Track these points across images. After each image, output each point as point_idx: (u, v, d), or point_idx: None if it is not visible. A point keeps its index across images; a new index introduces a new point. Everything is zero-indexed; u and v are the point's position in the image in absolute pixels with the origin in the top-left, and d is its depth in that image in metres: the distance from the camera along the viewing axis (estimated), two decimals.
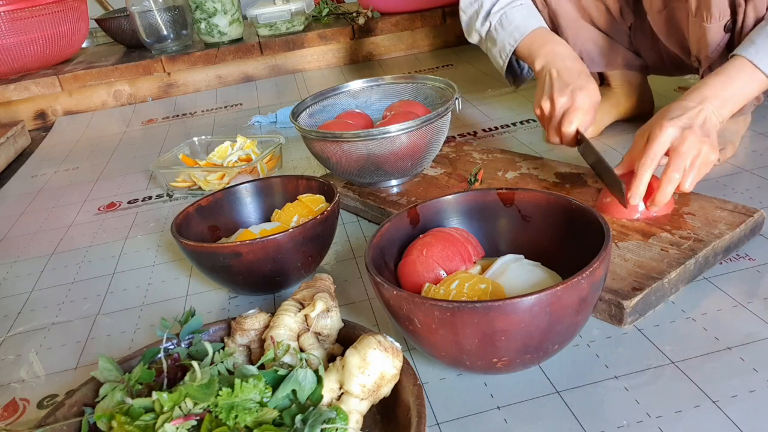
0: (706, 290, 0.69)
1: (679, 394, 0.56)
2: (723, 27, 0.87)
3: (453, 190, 0.94)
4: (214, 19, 1.89)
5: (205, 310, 0.80)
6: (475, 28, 1.07)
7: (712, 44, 0.89)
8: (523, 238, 0.70)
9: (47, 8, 1.80)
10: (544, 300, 0.51)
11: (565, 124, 0.86)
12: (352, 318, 0.72)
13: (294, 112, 0.99)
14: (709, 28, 0.88)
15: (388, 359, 0.51)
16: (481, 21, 1.05)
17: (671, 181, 0.74)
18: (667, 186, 0.74)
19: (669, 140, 0.75)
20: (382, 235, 0.67)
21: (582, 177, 0.91)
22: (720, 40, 0.89)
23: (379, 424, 0.55)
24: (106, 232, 1.08)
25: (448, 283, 0.62)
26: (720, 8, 0.86)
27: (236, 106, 1.75)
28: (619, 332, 0.65)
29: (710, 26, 0.88)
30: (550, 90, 0.90)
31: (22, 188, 1.37)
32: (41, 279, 0.95)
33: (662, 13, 0.97)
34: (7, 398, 0.70)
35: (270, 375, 0.52)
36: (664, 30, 0.99)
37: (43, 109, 1.86)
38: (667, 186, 0.74)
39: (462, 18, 1.10)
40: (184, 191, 1.17)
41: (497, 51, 1.04)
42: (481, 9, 1.05)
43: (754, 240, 0.76)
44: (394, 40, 2.01)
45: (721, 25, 0.87)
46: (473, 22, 1.07)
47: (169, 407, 0.49)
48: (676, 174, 0.74)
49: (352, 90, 1.08)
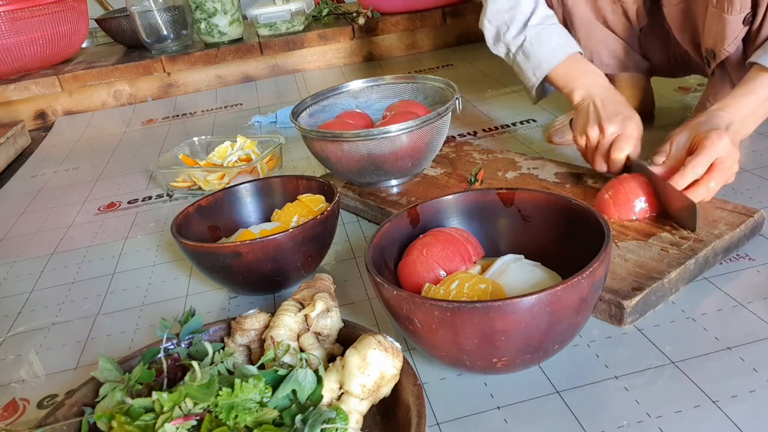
0: (706, 290, 0.69)
1: (679, 394, 0.56)
2: (743, 19, 0.87)
3: (453, 190, 0.94)
4: (214, 19, 1.89)
5: (205, 310, 0.80)
6: (504, 40, 1.04)
7: (729, 36, 0.89)
8: (523, 238, 0.70)
9: (47, 8, 1.80)
10: (544, 300, 0.51)
11: (616, 150, 0.86)
12: (352, 318, 0.72)
13: (294, 112, 0.99)
14: (729, 19, 0.88)
15: (388, 359, 0.51)
16: (513, 33, 1.02)
17: (710, 191, 0.76)
18: (705, 195, 0.76)
19: (721, 151, 0.76)
20: (382, 235, 0.67)
21: (582, 177, 0.91)
22: (738, 33, 0.89)
23: (379, 424, 0.55)
24: (106, 232, 1.08)
25: (448, 283, 0.62)
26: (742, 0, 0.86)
27: (236, 106, 1.75)
28: (619, 332, 0.65)
29: (730, 18, 0.88)
30: (597, 118, 0.89)
31: (22, 188, 1.37)
32: (41, 279, 0.95)
33: (679, 5, 0.97)
34: (7, 398, 0.70)
35: (270, 375, 0.52)
36: (679, 23, 0.99)
37: (43, 109, 1.86)
38: (705, 195, 0.76)
39: (486, 27, 1.06)
40: (184, 191, 1.17)
41: (531, 67, 1.02)
42: (513, 21, 1.02)
43: (754, 240, 0.76)
44: (394, 40, 2.01)
45: (741, 18, 0.87)
46: (502, 33, 1.04)
47: (169, 407, 0.49)
48: (713, 184, 0.76)
49: (352, 90, 1.08)
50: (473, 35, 2.01)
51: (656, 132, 1.09)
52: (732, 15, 0.87)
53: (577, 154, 0.95)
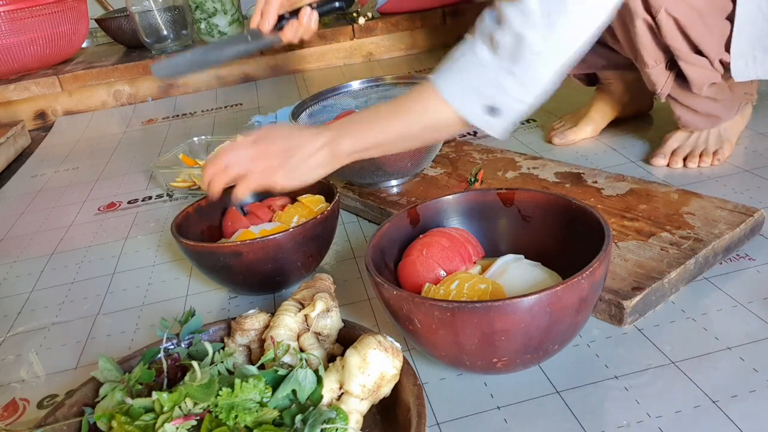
0: (706, 290, 0.69)
1: (679, 394, 0.56)
2: (665, 67, 0.90)
3: (453, 190, 0.94)
4: (214, 19, 1.89)
5: (205, 310, 0.80)
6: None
7: (659, 85, 0.92)
8: (523, 238, 0.70)
9: (47, 8, 1.80)
10: (544, 300, 0.51)
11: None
12: (352, 318, 0.72)
13: (294, 113, 0.99)
14: (651, 72, 0.90)
15: (388, 359, 0.51)
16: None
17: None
18: None
19: None
20: (382, 235, 0.67)
21: (582, 177, 0.91)
22: (665, 80, 0.91)
23: (379, 424, 0.55)
24: (106, 232, 1.08)
25: (448, 283, 0.62)
26: (653, 56, 0.88)
27: (236, 106, 1.75)
28: (619, 332, 0.65)
29: (651, 71, 0.90)
30: None
31: (22, 188, 1.37)
32: (41, 279, 0.95)
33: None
34: (7, 398, 0.70)
35: (270, 375, 0.52)
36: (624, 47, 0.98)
37: (43, 109, 1.86)
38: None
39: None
40: (184, 191, 1.17)
41: None
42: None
43: (754, 240, 0.76)
44: (394, 40, 2.01)
45: (662, 67, 0.90)
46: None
47: (169, 407, 0.49)
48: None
49: (352, 90, 1.08)
50: None
51: (654, 132, 1.09)
52: (650, 69, 0.90)
53: (578, 154, 0.95)
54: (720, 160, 0.95)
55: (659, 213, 0.78)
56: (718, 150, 0.96)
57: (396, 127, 0.70)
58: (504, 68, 0.64)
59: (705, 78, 0.89)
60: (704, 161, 0.95)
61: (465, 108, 0.66)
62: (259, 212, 0.86)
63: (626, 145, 1.08)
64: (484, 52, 0.65)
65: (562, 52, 0.64)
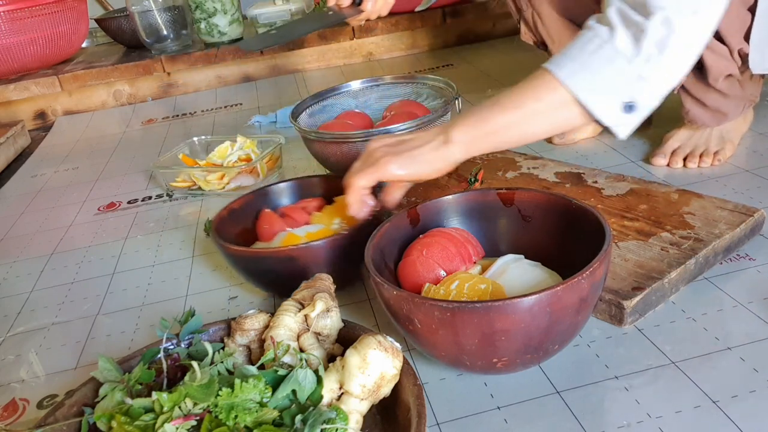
0: (706, 290, 0.69)
1: (679, 394, 0.56)
2: None
3: (453, 190, 0.93)
4: (214, 19, 1.88)
5: (205, 310, 0.80)
6: None
7: None
8: (523, 238, 0.70)
9: (47, 8, 1.79)
10: (544, 300, 0.51)
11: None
12: (352, 318, 0.72)
13: (294, 113, 0.99)
14: None
15: (388, 359, 0.51)
16: None
17: None
18: None
19: None
20: (382, 235, 0.67)
21: (582, 177, 0.91)
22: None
23: (379, 424, 0.55)
24: (106, 232, 1.08)
25: (448, 283, 0.62)
26: None
27: (236, 106, 1.75)
28: (620, 332, 0.65)
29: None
30: None
31: (22, 188, 1.37)
32: (41, 279, 0.95)
33: None
34: (7, 398, 0.70)
35: (270, 375, 0.52)
36: None
37: (43, 109, 1.86)
38: None
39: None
40: (184, 191, 1.17)
41: None
42: None
43: (754, 240, 0.76)
44: (394, 40, 2.01)
45: None
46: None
47: (169, 407, 0.49)
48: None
49: (352, 90, 1.08)
50: (473, 35, 2.01)
51: (655, 131, 1.09)
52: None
53: (578, 154, 0.95)
54: (720, 161, 0.95)
55: (659, 213, 0.78)
56: (719, 150, 0.96)
57: (509, 120, 0.66)
58: (651, 59, 0.60)
59: (723, 68, 0.87)
60: (704, 161, 0.95)
61: (598, 106, 0.63)
62: (295, 214, 0.83)
63: (626, 144, 1.08)
64: (625, 42, 0.60)
65: (703, 35, 0.61)
